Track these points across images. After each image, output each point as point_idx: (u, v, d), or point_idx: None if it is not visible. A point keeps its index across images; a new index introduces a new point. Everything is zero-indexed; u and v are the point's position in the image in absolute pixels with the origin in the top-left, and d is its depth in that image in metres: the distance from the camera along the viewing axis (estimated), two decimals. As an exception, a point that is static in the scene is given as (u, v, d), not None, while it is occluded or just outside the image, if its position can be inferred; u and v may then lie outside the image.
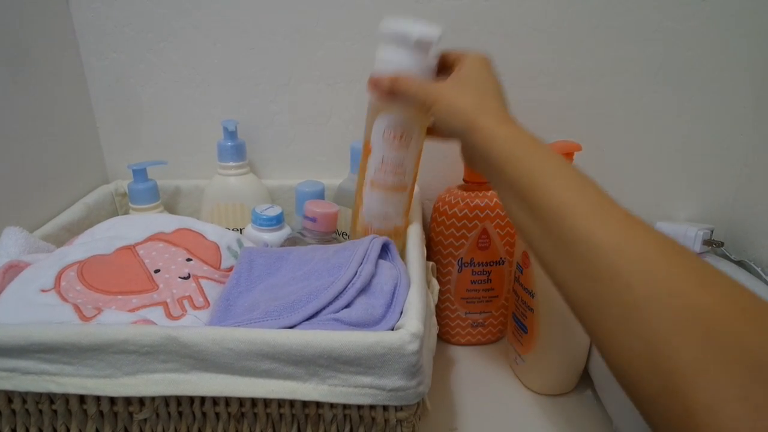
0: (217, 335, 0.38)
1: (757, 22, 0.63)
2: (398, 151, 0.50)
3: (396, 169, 0.50)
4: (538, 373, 0.57)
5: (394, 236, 0.52)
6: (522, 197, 0.37)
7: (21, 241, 0.51)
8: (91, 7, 0.67)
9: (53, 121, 0.64)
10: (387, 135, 0.49)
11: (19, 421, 0.42)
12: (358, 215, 0.53)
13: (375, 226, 0.52)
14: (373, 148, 0.50)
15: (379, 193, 0.51)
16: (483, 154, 0.40)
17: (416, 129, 0.50)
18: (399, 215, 0.53)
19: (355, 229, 0.54)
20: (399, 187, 0.52)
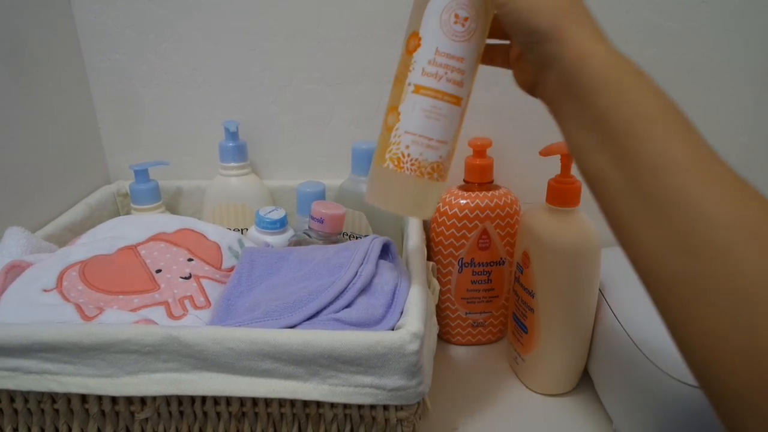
0: (218, 335, 0.38)
1: (757, 23, 0.63)
2: (461, 41, 0.37)
3: (454, 68, 0.38)
4: (539, 373, 0.57)
5: (433, 174, 0.39)
6: (611, 138, 0.30)
7: (23, 241, 0.51)
8: (93, 8, 0.67)
9: (55, 121, 0.65)
10: (447, 17, 0.37)
11: (21, 420, 0.42)
12: (390, 138, 0.39)
13: (414, 152, 0.39)
14: (423, 37, 0.38)
15: (428, 101, 0.38)
16: (567, 72, 0.32)
17: (482, 17, 0.38)
18: (447, 143, 0.40)
19: (382, 156, 0.40)
20: (454, 97, 0.39)
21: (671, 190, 0.27)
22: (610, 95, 0.30)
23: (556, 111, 0.34)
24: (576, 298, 0.52)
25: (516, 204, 0.61)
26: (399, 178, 0.39)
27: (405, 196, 0.41)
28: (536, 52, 0.34)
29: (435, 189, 0.41)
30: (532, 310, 0.54)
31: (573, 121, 0.33)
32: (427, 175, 0.40)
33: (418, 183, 0.40)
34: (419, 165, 0.39)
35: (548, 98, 0.35)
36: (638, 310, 0.50)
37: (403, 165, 0.39)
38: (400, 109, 0.39)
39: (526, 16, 0.33)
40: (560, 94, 0.33)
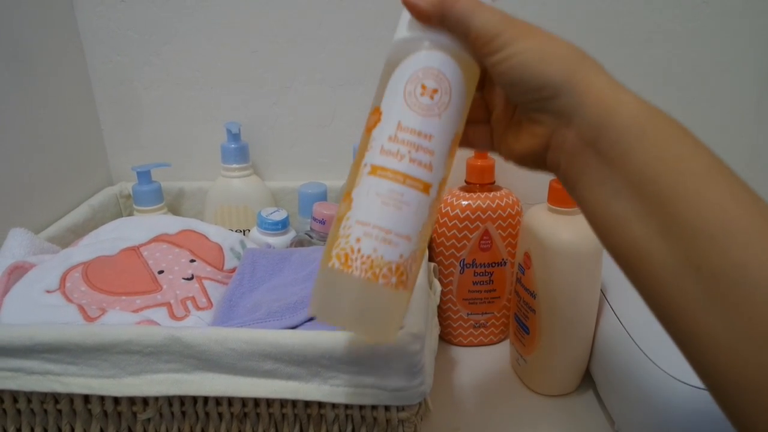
0: (219, 336, 0.38)
1: (759, 22, 0.63)
2: (429, 116, 0.30)
3: (421, 147, 0.30)
4: (540, 374, 0.57)
5: (390, 278, 0.30)
6: (654, 204, 0.25)
7: (26, 243, 0.51)
8: (96, 10, 0.67)
9: (58, 123, 0.65)
10: (412, 87, 0.30)
11: (23, 420, 0.42)
12: (338, 230, 0.31)
13: (366, 248, 0.30)
14: (384, 111, 0.31)
15: (386, 185, 0.30)
16: (592, 127, 0.27)
17: (459, 92, 0.31)
18: (410, 240, 0.31)
19: (329, 254, 0.31)
20: (420, 182, 0.30)
21: (734, 267, 0.22)
22: (649, 150, 0.25)
23: (577, 178, 0.28)
24: (578, 298, 0.52)
25: (517, 205, 0.61)
26: (345, 280, 0.30)
27: (353, 306, 0.31)
28: (549, 110, 0.28)
29: (394, 300, 0.31)
30: (534, 311, 0.54)
31: (601, 188, 0.27)
32: (383, 279, 0.30)
33: (371, 288, 0.30)
34: (372, 264, 0.30)
35: (565, 164, 0.29)
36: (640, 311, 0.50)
37: (351, 263, 0.30)
38: (353, 194, 0.31)
39: (536, 68, 0.28)
40: (582, 155, 0.28)
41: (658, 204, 0.25)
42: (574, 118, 0.28)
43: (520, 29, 0.29)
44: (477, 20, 0.29)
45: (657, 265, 0.25)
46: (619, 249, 0.27)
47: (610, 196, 0.26)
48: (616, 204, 0.26)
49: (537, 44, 0.28)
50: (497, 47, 0.28)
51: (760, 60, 0.64)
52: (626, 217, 0.26)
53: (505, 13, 0.29)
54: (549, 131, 0.29)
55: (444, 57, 0.31)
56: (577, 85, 0.27)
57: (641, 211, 0.25)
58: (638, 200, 0.25)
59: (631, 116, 0.26)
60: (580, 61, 0.28)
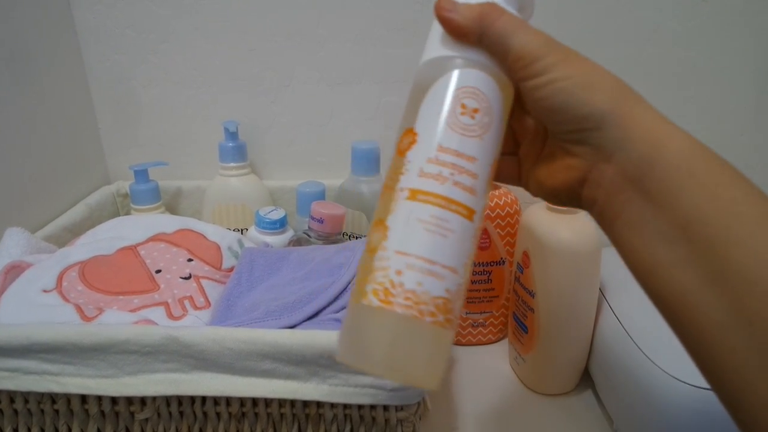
0: (217, 335, 0.38)
1: (758, 21, 0.63)
2: (471, 136, 0.28)
3: (464, 170, 0.28)
4: (539, 373, 0.57)
5: (437, 316, 0.27)
6: (703, 249, 0.23)
7: (23, 242, 0.51)
8: (93, 8, 0.67)
9: (55, 122, 0.65)
10: (452, 106, 0.28)
11: (21, 420, 0.42)
12: (372, 262, 0.28)
13: (409, 281, 0.26)
14: (420, 132, 0.28)
15: (429, 210, 0.27)
16: (637, 163, 0.25)
17: (499, 109, 0.29)
18: (457, 273, 0.28)
19: (361, 290, 0.27)
20: (466, 207, 0.28)
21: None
22: (699, 191, 0.23)
23: (615, 216, 0.26)
24: (576, 297, 0.52)
25: (516, 204, 0.61)
26: (386, 319, 0.27)
27: (394, 347, 0.27)
28: (589, 142, 0.26)
29: (441, 340, 0.28)
30: (533, 310, 0.54)
31: (644, 229, 0.25)
32: (430, 316, 0.26)
33: (416, 327, 0.27)
34: (417, 300, 0.26)
35: (602, 201, 0.27)
36: (639, 310, 0.50)
37: (393, 299, 0.26)
38: (389, 222, 0.28)
39: (581, 96, 0.26)
40: (623, 193, 0.26)
41: (707, 249, 0.23)
42: (617, 153, 0.26)
43: (564, 54, 0.27)
44: (518, 40, 0.27)
45: (702, 317, 0.23)
46: (661, 296, 0.25)
47: (653, 238, 0.24)
48: (660, 247, 0.24)
49: (581, 71, 0.26)
50: (538, 71, 0.27)
51: (760, 59, 0.64)
52: (670, 261, 0.24)
53: (548, 36, 0.27)
54: (587, 165, 0.27)
55: (483, 76, 0.29)
56: (622, 118, 0.25)
57: (688, 256, 0.23)
58: (685, 244, 0.23)
59: (679, 153, 0.24)
60: (626, 92, 0.26)
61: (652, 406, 0.44)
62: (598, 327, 0.54)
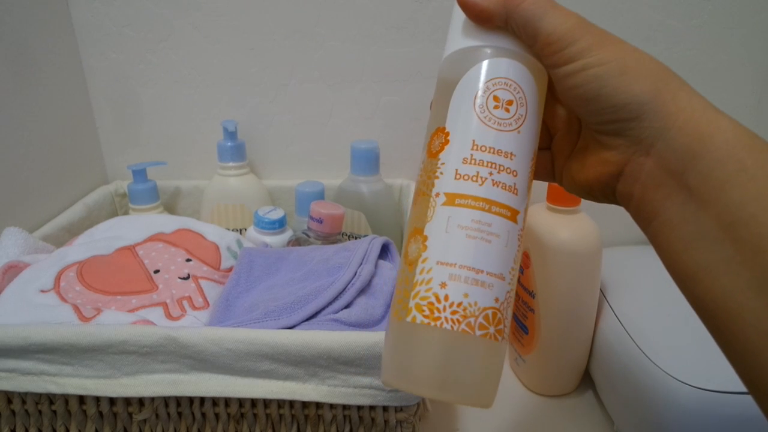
0: (216, 336, 0.38)
1: (759, 20, 0.62)
2: (507, 130, 0.26)
3: (503, 167, 0.26)
4: (539, 374, 0.56)
5: (488, 328, 0.25)
6: (752, 250, 0.21)
7: (20, 242, 0.51)
8: (91, 7, 0.67)
9: (53, 121, 0.64)
10: (484, 100, 0.26)
11: (18, 421, 0.42)
12: (413, 276, 0.26)
13: (455, 294, 0.25)
14: (452, 131, 0.27)
15: (469, 214, 0.26)
16: (680, 155, 0.23)
17: (535, 98, 0.27)
18: (504, 280, 0.26)
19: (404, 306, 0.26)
20: (508, 208, 0.26)
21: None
22: (748, 187, 0.21)
23: (654, 213, 0.24)
24: (577, 298, 0.52)
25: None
26: (433, 335, 0.25)
27: (445, 366, 0.25)
28: (626, 134, 0.25)
29: (493, 354, 0.26)
30: (533, 311, 0.54)
31: (685, 227, 0.23)
32: (480, 329, 0.25)
33: (467, 342, 0.25)
34: (465, 313, 0.25)
35: (639, 197, 0.25)
36: (640, 311, 0.50)
37: (439, 314, 0.25)
38: (427, 231, 0.26)
39: (618, 83, 0.24)
40: (663, 188, 0.24)
41: (755, 252, 0.21)
42: (657, 144, 0.24)
43: (599, 36, 0.25)
44: (548, 23, 0.25)
45: (748, 327, 0.21)
46: (703, 302, 0.23)
47: (695, 237, 0.22)
48: (702, 247, 0.22)
49: (618, 55, 0.24)
50: (571, 56, 0.25)
51: (762, 58, 0.64)
52: (713, 264, 0.22)
53: (580, 17, 0.25)
54: (624, 158, 0.25)
55: (515, 64, 0.27)
56: (664, 106, 0.23)
57: (733, 259, 0.21)
58: (730, 245, 0.21)
59: (727, 145, 0.22)
60: (668, 77, 0.24)
61: (653, 407, 0.43)
62: (599, 328, 0.54)
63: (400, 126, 0.70)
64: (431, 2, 0.64)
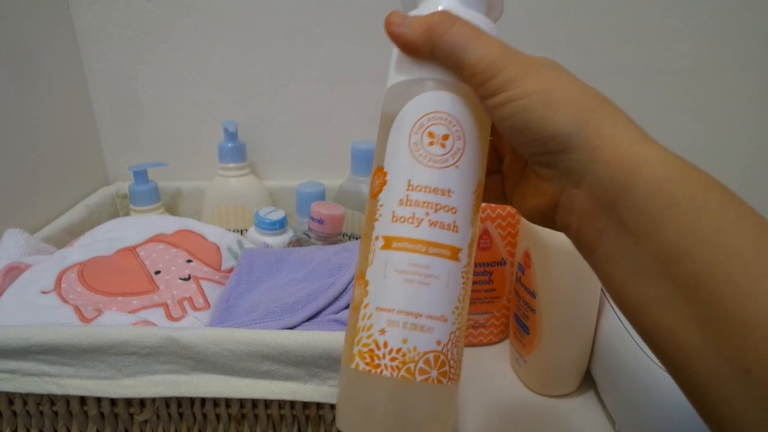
0: (216, 336, 0.38)
1: (760, 19, 0.62)
2: (443, 166, 0.26)
3: (441, 205, 0.25)
4: (540, 374, 0.56)
5: (430, 373, 0.25)
6: (687, 287, 0.20)
7: (22, 243, 0.51)
8: (92, 9, 0.67)
9: (54, 123, 0.64)
10: (418, 137, 0.26)
11: (20, 422, 0.42)
12: (357, 322, 0.26)
13: (393, 340, 0.24)
14: (389, 171, 0.26)
15: (406, 258, 0.25)
16: (608, 190, 0.22)
17: (474, 128, 0.26)
18: (447, 321, 0.25)
19: (350, 352, 0.26)
20: (448, 247, 0.25)
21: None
22: (680, 221, 0.20)
23: (593, 245, 0.24)
24: (578, 298, 0.52)
25: (517, 204, 0.61)
26: (374, 383, 0.25)
27: (389, 413, 0.25)
28: (558, 165, 0.24)
29: (439, 398, 0.25)
30: (534, 311, 0.54)
31: (622, 263, 0.22)
32: (420, 374, 0.24)
33: (408, 389, 0.24)
34: (405, 359, 0.24)
35: (576, 228, 0.24)
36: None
37: (379, 361, 0.24)
38: (368, 276, 0.26)
39: (541, 115, 0.23)
40: (597, 221, 0.23)
41: (693, 288, 0.20)
42: (587, 177, 0.23)
43: (524, 66, 0.24)
44: (471, 54, 0.24)
45: (694, 363, 0.20)
46: (651, 335, 0.22)
47: (634, 272, 0.22)
48: (643, 283, 0.21)
49: (543, 86, 0.23)
50: (496, 88, 0.23)
51: (762, 57, 0.64)
52: (655, 299, 0.21)
53: (505, 45, 0.24)
54: (557, 190, 0.25)
55: (449, 96, 0.26)
56: (589, 138, 0.22)
57: (672, 295, 0.20)
58: (669, 281, 0.20)
59: (656, 177, 0.21)
60: (595, 107, 0.23)
61: (655, 407, 0.43)
62: (600, 328, 0.54)
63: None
64: (431, 2, 0.64)
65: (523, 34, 0.64)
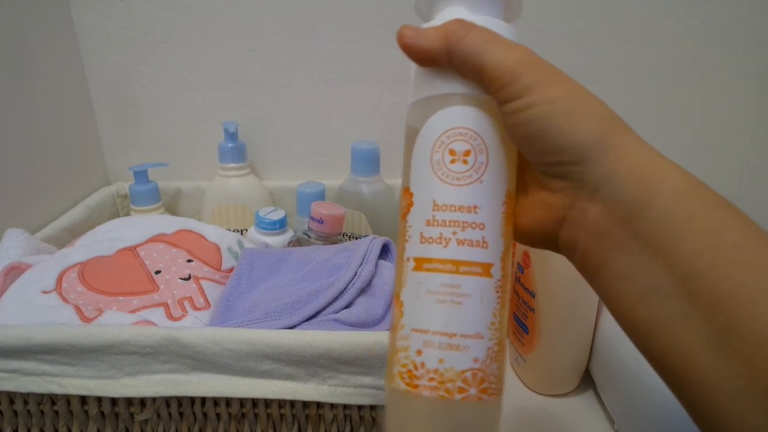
0: (217, 336, 0.38)
1: (759, 19, 0.62)
2: (465, 184, 0.25)
3: (468, 223, 0.25)
4: (540, 373, 0.56)
5: (468, 390, 0.25)
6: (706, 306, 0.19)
7: (22, 243, 0.51)
8: (92, 9, 0.67)
9: (55, 123, 0.65)
10: (440, 156, 0.26)
11: (20, 422, 0.42)
12: (395, 342, 0.26)
13: (430, 360, 0.25)
14: (414, 192, 0.26)
15: (437, 279, 0.25)
16: (626, 203, 0.22)
17: (496, 138, 0.26)
18: (483, 337, 0.25)
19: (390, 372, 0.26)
20: (479, 264, 0.25)
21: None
22: (701, 238, 0.20)
23: (602, 264, 0.23)
24: (577, 297, 0.52)
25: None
26: (415, 403, 0.25)
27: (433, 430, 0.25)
28: (572, 176, 0.23)
29: (481, 414, 0.25)
30: (533, 310, 0.54)
31: (636, 281, 0.21)
32: (459, 393, 0.24)
33: (448, 408, 0.25)
34: (443, 378, 0.24)
35: (585, 246, 0.24)
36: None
37: (417, 381, 0.25)
38: (402, 297, 0.26)
39: (562, 124, 0.22)
40: (611, 236, 0.22)
41: (712, 306, 0.19)
42: (603, 189, 0.22)
43: (545, 73, 0.23)
44: (491, 57, 0.23)
45: (710, 385, 0.19)
46: (661, 359, 0.21)
47: (647, 291, 0.21)
48: (656, 302, 0.21)
49: (564, 94, 0.23)
50: (516, 92, 0.23)
51: (761, 58, 0.64)
52: (669, 319, 0.20)
53: (526, 50, 0.24)
54: (567, 202, 0.24)
55: (468, 110, 0.25)
56: (610, 150, 0.22)
57: (689, 314, 0.20)
58: (686, 299, 0.20)
59: (677, 192, 0.21)
60: (614, 121, 0.23)
61: (654, 406, 0.44)
62: (599, 327, 0.54)
63: (400, 126, 0.69)
64: (431, 3, 0.64)
65: (522, 34, 0.63)
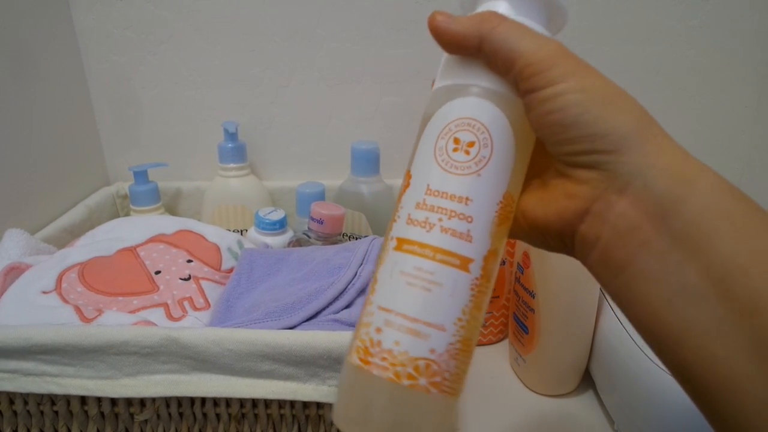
0: (216, 336, 0.38)
1: (758, 20, 0.63)
2: (463, 174, 0.25)
3: (455, 212, 0.25)
4: (539, 374, 0.56)
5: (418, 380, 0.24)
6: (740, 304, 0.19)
7: (22, 243, 0.51)
8: (92, 9, 0.67)
9: (55, 123, 0.65)
10: (444, 143, 0.25)
11: (20, 422, 0.42)
12: (363, 314, 0.26)
13: (387, 340, 0.24)
14: (413, 174, 0.26)
15: (411, 261, 0.25)
16: (662, 197, 0.21)
17: (506, 137, 0.25)
18: (446, 331, 0.24)
19: (353, 341, 0.26)
20: (457, 256, 0.25)
21: None
22: (737, 238, 0.19)
23: (628, 262, 0.22)
24: (577, 298, 0.52)
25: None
26: (365, 380, 0.24)
27: (370, 411, 0.25)
28: (603, 167, 0.22)
29: (427, 408, 0.25)
30: (533, 311, 0.54)
31: (665, 281, 0.20)
32: (407, 379, 0.24)
33: (395, 392, 0.24)
34: (394, 361, 0.24)
35: (608, 241, 0.22)
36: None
37: (370, 359, 0.24)
38: (378, 274, 0.26)
39: (599, 112, 0.22)
40: (639, 233, 0.21)
41: (748, 310, 0.18)
42: (636, 182, 0.21)
43: (582, 65, 0.23)
44: (527, 44, 0.23)
45: (744, 396, 0.18)
46: (689, 366, 0.20)
47: (678, 293, 0.20)
48: (688, 305, 0.19)
49: (600, 85, 0.22)
50: (551, 79, 0.22)
51: (761, 58, 0.64)
52: (701, 323, 0.19)
53: (561, 44, 0.23)
54: (594, 194, 0.23)
55: (483, 103, 0.25)
56: (646, 143, 0.21)
57: (723, 318, 0.19)
58: (721, 303, 0.19)
59: (714, 190, 0.20)
60: (650, 118, 0.22)
61: (653, 406, 0.44)
62: (599, 327, 0.54)
63: (400, 126, 0.70)
64: (431, 3, 0.64)
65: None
